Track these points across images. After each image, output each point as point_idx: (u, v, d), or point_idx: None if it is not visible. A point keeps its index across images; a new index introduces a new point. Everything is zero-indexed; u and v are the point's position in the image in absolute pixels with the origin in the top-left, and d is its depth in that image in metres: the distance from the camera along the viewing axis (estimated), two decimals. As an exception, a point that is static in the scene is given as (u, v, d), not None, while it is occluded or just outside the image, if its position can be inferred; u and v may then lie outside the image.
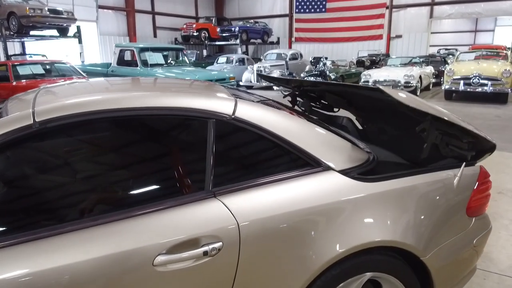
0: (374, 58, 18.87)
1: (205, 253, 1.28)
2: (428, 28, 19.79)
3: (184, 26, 22.12)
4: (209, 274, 1.31)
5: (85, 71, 9.67)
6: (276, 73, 14.58)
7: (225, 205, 1.37)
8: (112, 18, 20.22)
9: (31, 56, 13.72)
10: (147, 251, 1.24)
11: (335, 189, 1.53)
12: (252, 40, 21.86)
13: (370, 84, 12.58)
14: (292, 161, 1.55)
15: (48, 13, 11.98)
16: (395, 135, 2.21)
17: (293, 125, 1.60)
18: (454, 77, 10.90)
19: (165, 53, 10.13)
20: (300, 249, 1.43)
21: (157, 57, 9.53)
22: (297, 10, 23.15)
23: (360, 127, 2.65)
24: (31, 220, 1.25)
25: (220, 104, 1.52)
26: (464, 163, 1.78)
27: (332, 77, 13.16)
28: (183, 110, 1.45)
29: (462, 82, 10.67)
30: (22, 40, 14.54)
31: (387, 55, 19.31)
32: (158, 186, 1.42)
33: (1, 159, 1.26)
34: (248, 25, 21.34)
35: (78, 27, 13.69)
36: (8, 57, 11.89)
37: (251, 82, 15.44)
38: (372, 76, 12.63)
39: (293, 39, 23.59)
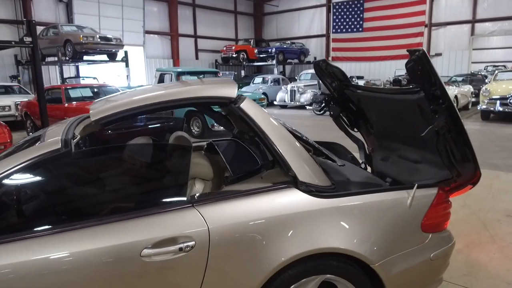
0: (411, 77, 18.63)
1: (180, 249, 1.66)
2: (469, 46, 19.31)
3: (224, 48, 23.13)
4: (184, 266, 1.69)
5: (129, 93, 10.56)
6: (309, 93, 14.92)
7: (199, 213, 1.74)
8: (157, 42, 21.64)
9: (83, 79, 15.09)
10: (136, 245, 1.63)
11: (294, 203, 1.86)
12: (289, 60, 22.40)
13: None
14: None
15: (99, 40, 13.24)
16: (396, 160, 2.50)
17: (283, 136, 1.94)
18: (491, 97, 10.65)
19: (201, 76, 10.81)
20: (259, 251, 1.77)
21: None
22: (334, 30, 23.48)
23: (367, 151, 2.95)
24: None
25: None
26: (416, 184, 2.03)
27: (365, 96, 13.23)
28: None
29: (498, 102, 10.41)
30: (77, 64, 16.00)
31: (425, 73, 18.98)
32: (149, 196, 1.83)
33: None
34: (284, 46, 21.94)
35: (126, 52, 14.90)
36: (63, 79, 13.19)
37: (284, 101, 15.85)
38: (405, 95, 12.57)
39: (329, 58, 23.85)
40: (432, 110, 2.01)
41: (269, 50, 21.29)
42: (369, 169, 3.00)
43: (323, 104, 3.18)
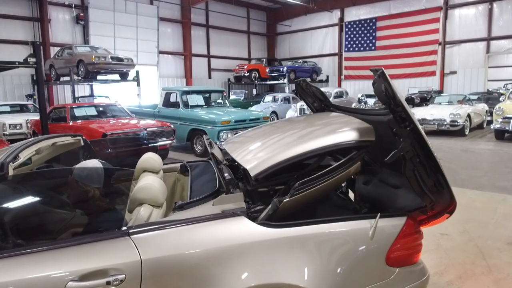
0: (425, 95, 18.27)
1: (108, 283, 1.54)
2: (485, 64, 18.87)
3: (236, 67, 23.34)
4: (112, 302, 1.56)
5: (136, 112, 10.66)
6: (318, 112, 14.77)
7: (133, 243, 1.62)
8: (171, 62, 22.02)
9: (95, 98, 15.39)
10: (61, 277, 1.52)
11: (240, 232, 1.72)
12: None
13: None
14: None
15: (110, 60, 13.53)
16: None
17: None
18: (504, 116, 10.28)
19: (206, 95, 10.85)
20: (198, 285, 1.63)
21: (198, 99, 10.25)
22: (346, 49, 23.44)
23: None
24: None
25: None
26: (379, 214, 1.87)
27: (375, 115, 12.99)
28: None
29: (512, 121, 10.02)
30: (90, 83, 16.37)
31: (440, 92, 18.60)
32: (82, 224, 1.73)
33: None
34: (296, 65, 21.97)
35: (137, 72, 15.16)
36: (74, 98, 13.48)
37: (294, 120, 15.72)
38: (416, 114, 12.29)
39: (342, 77, 23.75)
40: (395, 134, 1.87)
41: (281, 69, 21.35)
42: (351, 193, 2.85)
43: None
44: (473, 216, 4.54)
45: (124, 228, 1.69)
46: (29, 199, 1.95)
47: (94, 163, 1.94)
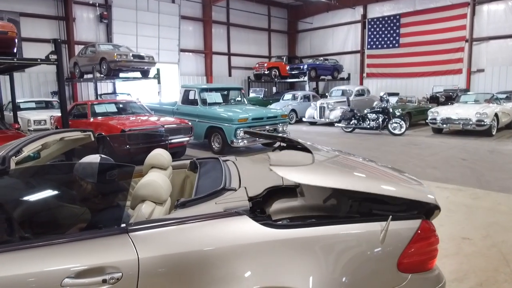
0: (450, 93, 17.72)
1: (104, 281, 1.50)
2: (515, 61, 18.11)
3: (256, 65, 23.28)
4: (108, 300, 1.52)
5: (156, 109, 10.76)
6: (338, 110, 14.53)
7: (131, 240, 1.58)
8: (191, 60, 22.17)
9: (117, 95, 15.65)
10: (57, 273, 1.49)
11: (242, 233, 1.66)
12: (322, 77, 22.12)
13: (438, 122, 11.86)
14: None
15: (132, 58, 13.71)
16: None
17: None
18: (534, 116, 9.81)
19: (225, 92, 10.83)
20: (197, 286, 1.57)
21: (216, 97, 10.24)
22: (369, 47, 22.97)
23: None
24: None
25: None
26: (391, 216, 1.76)
27: (397, 113, 12.67)
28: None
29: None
30: (113, 81, 16.67)
31: (466, 90, 17.99)
32: (81, 219, 1.70)
33: None
34: (317, 63, 21.71)
35: (158, 70, 15.32)
36: (97, 95, 13.74)
37: (313, 118, 15.55)
38: (440, 113, 11.91)
39: (364, 75, 23.31)
40: None
41: (301, 66, 21.15)
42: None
43: (352, 121, 3.05)
44: (497, 220, 4.32)
45: (123, 225, 1.65)
46: (34, 194, 1.94)
47: (93, 158, 1.91)
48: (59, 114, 11.02)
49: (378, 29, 22.49)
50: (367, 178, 2.03)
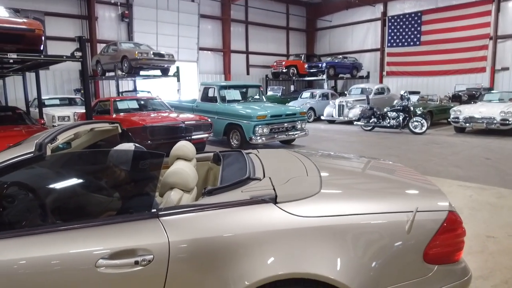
0: (473, 92, 17.30)
1: (136, 263, 1.56)
2: (542, 59, 17.53)
3: (274, 63, 23.26)
4: (140, 282, 1.58)
5: (176, 106, 10.90)
6: (358, 108, 14.39)
7: (162, 225, 1.63)
8: (210, 58, 22.32)
9: (138, 92, 15.91)
10: (92, 254, 1.56)
11: (269, 220, 1.68)
12: (340, 75, 21.94)
13: (460, 121, 11.62)
14: None
15: (152, 56, 13.92)
16: None
17: None
18: None
19: (243, 90, 10.88)
20: (225, 270, 1.61)
21: (234, 94, 10.30)
22: (389, 44, 22.64)
23: None
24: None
25: None
26: (417, 207, 1.76)
27: (418, 112, 12.46)
28: None
29: None
30: (134, 78, 16.95)
31: (490, 89, 17.53)
32: (114, 204, 1.76)
33: None
34: (336, 61, 21.53)
35: (177, 68, 15.50)
36: (118, 92, 14.00)
37: (332, 116, 15.45)
38: (463, 112, 11.66)
39: (384, 73, 22.99)
40: None
41: (319, 65, 21.01)
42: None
43: (371, 119, 3.03)
44: (524, 218, 4.22)
45: (153, 210, 1.70)
46: (67, 181, 2.02)
47: (128, 146, 1.98)
48: (82, 111, 11.32)
49: (398, 26, 22.13)
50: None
